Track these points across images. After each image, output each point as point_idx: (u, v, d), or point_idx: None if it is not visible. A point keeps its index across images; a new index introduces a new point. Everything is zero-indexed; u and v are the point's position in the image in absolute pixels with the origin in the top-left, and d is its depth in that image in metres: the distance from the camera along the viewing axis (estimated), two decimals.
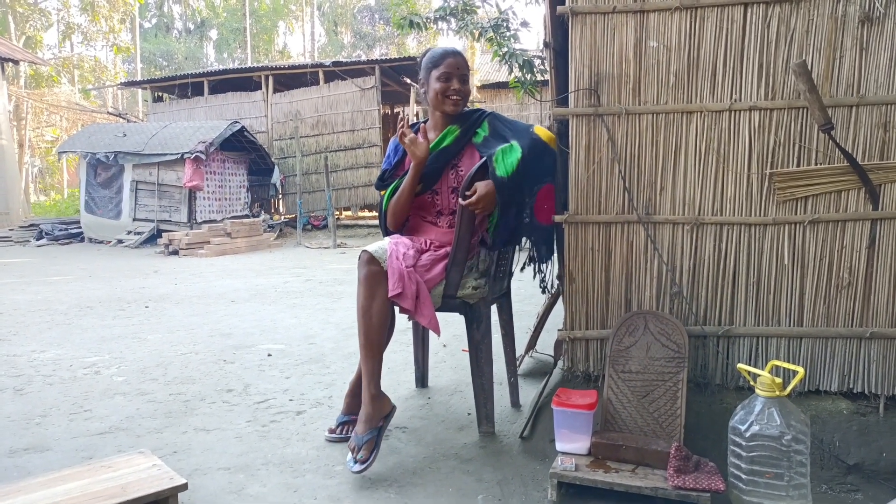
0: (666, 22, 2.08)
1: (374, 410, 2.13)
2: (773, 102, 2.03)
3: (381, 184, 2.60)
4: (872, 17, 1.95)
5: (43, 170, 27.43)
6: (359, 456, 2.05)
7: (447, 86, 2.37)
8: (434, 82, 2.38)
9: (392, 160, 2.58)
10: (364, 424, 2.11)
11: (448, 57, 2.39)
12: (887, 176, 1.98)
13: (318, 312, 4.94)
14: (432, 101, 2.42)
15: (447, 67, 2.37)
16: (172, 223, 11.74)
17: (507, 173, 2.22)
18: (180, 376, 3.20)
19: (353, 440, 2.10)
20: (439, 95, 2.38)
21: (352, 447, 2.09)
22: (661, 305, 2.18)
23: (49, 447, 2.32)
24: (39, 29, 26.17)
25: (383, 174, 2.59)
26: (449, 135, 2.43)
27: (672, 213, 2.14)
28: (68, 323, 4.59)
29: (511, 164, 2.23)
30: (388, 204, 2.50)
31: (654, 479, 1.79)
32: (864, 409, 2.04)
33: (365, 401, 2.14)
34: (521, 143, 2.28)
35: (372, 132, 13.77)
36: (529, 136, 2.33)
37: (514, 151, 2.25)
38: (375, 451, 2.09)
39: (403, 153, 2.54)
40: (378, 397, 2.16)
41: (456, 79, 2.37)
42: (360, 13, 36.17)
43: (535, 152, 2.28)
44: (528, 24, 6.72)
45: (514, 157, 2.24)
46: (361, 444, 2.07)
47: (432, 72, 2.39)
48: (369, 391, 2.14)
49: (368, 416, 2.12)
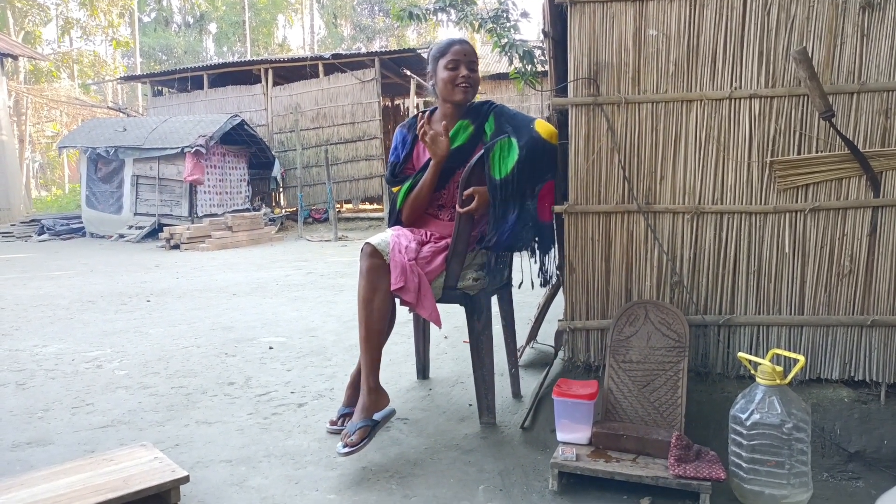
0: (665, 10, 2.06)
1: (370, 401, 2.14)
2: (773, 90, 2.02)
3: (392, 179, 2.55)
4: (874, 2, 1.93)
5: (44, 165, 27.44)
6: (349, 440, 2.03)
7: (455, 73, 2.33)
8: (442, 71, 2.35)
9: (401, 153, 2.53)
10: (360, 413, 2.11)
11: (454, 45, 2.36)
12: (888, 163, 1.97)
13: (319, 305, 4.94)
14: (441, 92, 2.38)
15: (454, 55, 2.34)
16: (173, 217, 11.73)
17: (501, 176, 2.22)
18: (182, 370, 3.20)
19: (347, 428, 2.10)
20: (448, 84, 2.34)
21: (344, 434, 2.09)
22: (662, 295, 2.17)
23: (51, 441, 2.33)
24: (38, 24, 26.12)
25: (393, 168, 2.54)
26: (462, 131, 2.39)
27: (672, 203, 2.13)
28: (70, 317, 4.60)
29: (507, 166, 2.22)
30: (403, 201, 2.47)
31: (655, 469, 1.79)
32: (865, 397, 2.03)
33: (363, 391, 2.14)
34: (519, 144, 2.25)
35: (372, 124, 13.73)
36: (529, 135, 2.29)
37: (512, 153, 2.23)
38: (368, 440, 2.07)
39: (412, 145, 2.51)
40: (376, 390, 2.16)
41: (464, 66, 2.34)
42: (359, 5, 36.02)
43: (533, 154, 2.25)
44: (528, 14, 6.69)
45: (510, 160, 2.22)
46: (354, 430, 2.06)
47: (440, 61, 2.37)
48: (368, 383, 2.14)
49: (365, 406, 2.13)
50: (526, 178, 2.26)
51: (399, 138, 2.57)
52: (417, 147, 2.51)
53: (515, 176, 2.23)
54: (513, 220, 2.27)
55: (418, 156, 2.51)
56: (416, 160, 2.52)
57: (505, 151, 2.26)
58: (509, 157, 2.24)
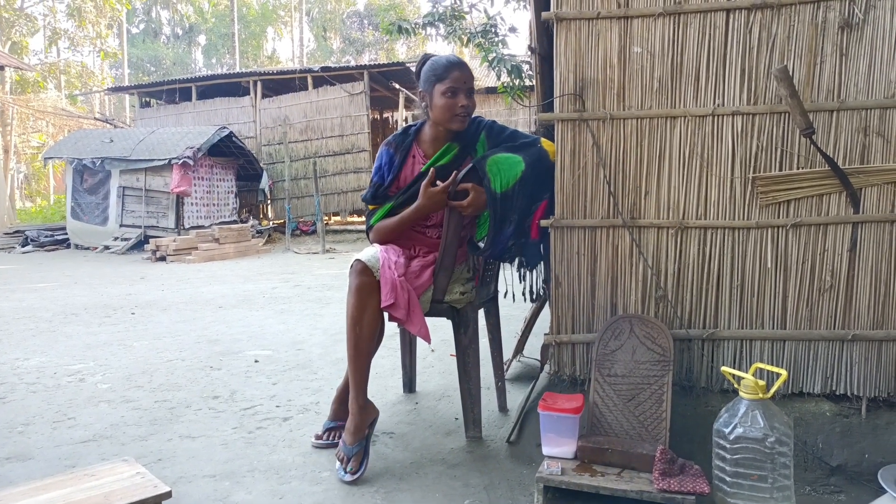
0: (650, 28, 2.10)
1: (361, 421, 2.13)
2: (755, 107, 2.05)
3: (372, 199, 2.41)
4: (852, 23, 1.97)
5: (29, 176, 27.19)
6: (349, 467, 2.06)
7: (454, 102, 2.20)
8: (439, 98, 2.22)
9: (386, 175, 2.37)
10: (353, 435, 2.11)
11: (454, 70, 2.21)
12: (868, 180, 2.01)
13: (306, 318, 4.92)
14: (437, 117, 2.26)
15: (454, 82, 2.20)
16: (160, 229, 11.66)
17: (501, 186, 2.17)
18: (166, 383, 3.18)
19: (342, 450, 2.10)
20: (446, 112, 2.22)
21: (340, 457, 2.09)
22: (647, 309, 2.19)
23: (31, 456, 2.30)
24: (25, 34, 25.97)
25: (376, 189, 2.39)
26: (448, 152, 2.32)
27: (657, 217, 2.15)
28: (53, 330, 4.55)
29: (508, 178, 2.17)
30: (376, 222, 2.37)
31: (640, 483, 1.80)
32: (846, 411, 2.05)
33: (353, 411, 2.13)
34: (525, 159, 2.19)
35: (361, 137, 13.77)
36: (538, 153, 2.22)
37: (515, 166, 2.18)
38: (366, 461, 2.10)
39: (399, 168, 2.37)
40: (365, 407, 2.16)
41: (463, 94, 2.21)
42: (348, 18, 36.19)
43: (538, 169, 2.20)
44: (517, 29, 6.76)
45: (513, 172, 2.17)
46: (351, 456, 2.08)
47: (436, 86, 2.22)
48: (357, 402, 2.13)
49: (357, 426, 2.12)
50: (528, 193, 2.22)
51: (385, 158, 2.39)
52: (404, 169, 2.38)
53: (517, 191, 2.18)
54: (509, 234, 2.25)
55: (405, 178, 2.38)
56: (401, 182, 2.38)
57: (505, 164, 2.19)
58: (511, 169, 2.18)
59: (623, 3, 2.10)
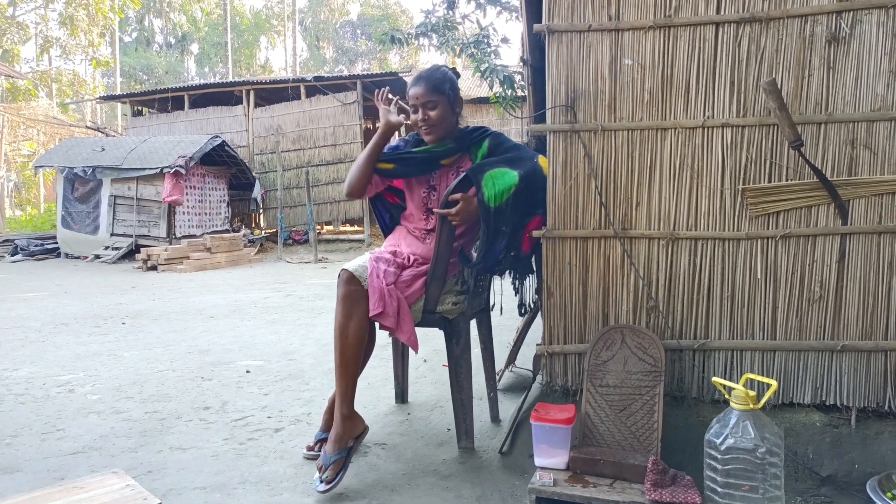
0: (640, 40, 2.12)
1: (344, 430, 2.13)
2: (744, 119, 2.07)
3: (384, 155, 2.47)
4: (839, 37, 2.00)
5: (19, 184, 27.02)
6: (325, 476, 2.04)
7: (416, 118, 2.37)
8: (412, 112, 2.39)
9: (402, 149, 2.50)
10: (334, 444, 2.10)
11: (412, 87, 2.37)
12: (856, 191, 2.03)
13: (298, 328, 4.91)
14: None
15: (411, 99, 2.38)
16: (151, 238, 11.61)
17: (494, 200, 2.17)
18: (156, 394, 3.15)
19: (321, 458, 2.09)
20: (416, 126, 2.39)
21: (319, 466, 2.08)
22: (638, 319, 2.20)
23: (20, 468, 2.28)
24: (17, 42, 25.91)
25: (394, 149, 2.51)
26: (443, 145, 2.41)
27: (647, 228, 2.17)
28: (42, 340, 4.51)
29: (501, 191, 2.18)
30: None
31: (632, 494, 1.80)
32: (836, 421, 2.06)
33: (336, 420, 2.13)
34: (520, 172, 2.22)
35: (353, 147, 13.76)
36: (532, 167, 2.25)
37: (508, 178, 2.20)
38: (343, 472, 2.07)
39: None
40: (350, 417, 2.15)
41: (420, 109, 2.35)
42: (342, 28, 36.31)
43: (533, 183, 2.23)
44: (509, 40, 6.79)
45: (505, 184, 2.18)
46: (329, 464, 2.06)
47: None
48: (341, 411, 2.13)
49: (339, 435, 2.12)
50: (521, 207, 2.24)
51: (400, 142, 2.57)
52: None
53: (510, 205, 2.20)
54: (501, 247, 2.28)
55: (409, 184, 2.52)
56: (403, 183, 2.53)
57: (498, 176, 2.21)
58: (503, 180, 2.20)
59: (614, 16, 2.12)
